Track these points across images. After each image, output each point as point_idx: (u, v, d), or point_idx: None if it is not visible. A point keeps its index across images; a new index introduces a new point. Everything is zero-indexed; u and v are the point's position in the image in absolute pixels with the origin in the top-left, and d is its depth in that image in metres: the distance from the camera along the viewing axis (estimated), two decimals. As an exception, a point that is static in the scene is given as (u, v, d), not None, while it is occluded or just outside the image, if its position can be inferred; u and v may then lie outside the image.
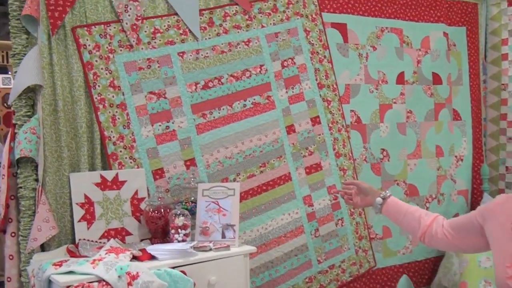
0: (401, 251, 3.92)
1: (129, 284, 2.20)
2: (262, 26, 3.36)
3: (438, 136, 4.09)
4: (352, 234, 3.66)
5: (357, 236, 3.69)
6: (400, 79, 3.91)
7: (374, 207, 2.41)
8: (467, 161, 4.27)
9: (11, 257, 2.66)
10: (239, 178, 3.23)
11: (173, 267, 2.41)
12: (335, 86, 3.63)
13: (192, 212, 2.83)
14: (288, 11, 3.46)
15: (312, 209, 3.49)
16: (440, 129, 4.10)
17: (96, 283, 2.18)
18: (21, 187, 2.63)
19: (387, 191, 2.41)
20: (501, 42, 4.28)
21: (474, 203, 4.29)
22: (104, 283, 2.19)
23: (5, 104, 6.27)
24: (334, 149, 3.60)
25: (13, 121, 2.66)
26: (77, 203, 2.69)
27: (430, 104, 4.05)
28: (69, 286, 2.15)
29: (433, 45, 4.05)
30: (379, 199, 2.38)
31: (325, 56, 3.59)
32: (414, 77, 3.96)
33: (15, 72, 2.65)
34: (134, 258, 2.46)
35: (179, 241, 2.66)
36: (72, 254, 2.53)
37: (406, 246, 3.93)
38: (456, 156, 4.20)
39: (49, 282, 2.26)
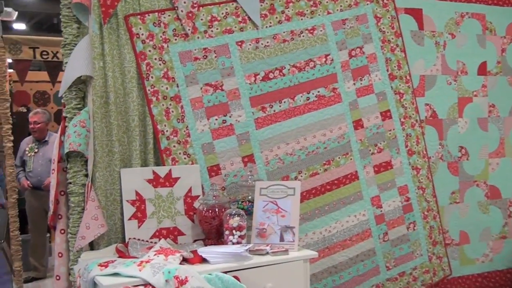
0: (480, 259, 3.68)
1: (177, 289, 2.06)
2: (328, 13, 3.15)
3: (525, 133, 3.81)
4: (425, 239, 3.43)
5: (431, 241, 3.46)
6: (482, 70, 3.67)
7: None
8: (558, 161, 3.94)
9: (60, 254, 2.60)
10: (301, 176, 3.05)
11: (226, 272, 2.25)
12: (408, 77, 3.40)
13: (249, 212, 2.67)
14: (357, -4, 3.25)
15: (381, 211, 3.28)
16: (528, 125, 3.81)
17: (141, 287, 2.06)
18: (70, 183, 2.55)
19: None
20: None
21: None
22: (150, 287, 2.06)
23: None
24: (406, 146, 3.38)
25: (64, 114, 2.58)
26: (127, 200, 2.59)
27: (517, 97, 3.79)
28: (113, 289, 2.04)
29: (520, 32, 3.78)
30: None
31: (397, 45, 3.36)
32: (498, 67, 3.71)
33: (66, 63, 2.57)
34: (185, 260, 2.32)
35: (233, 243, 2.51)
36: (121, 254, 2.42)
37: (486, 253, 3.69)
38: (545, 155, 3.87)
39: (94, 284, 2.16)
